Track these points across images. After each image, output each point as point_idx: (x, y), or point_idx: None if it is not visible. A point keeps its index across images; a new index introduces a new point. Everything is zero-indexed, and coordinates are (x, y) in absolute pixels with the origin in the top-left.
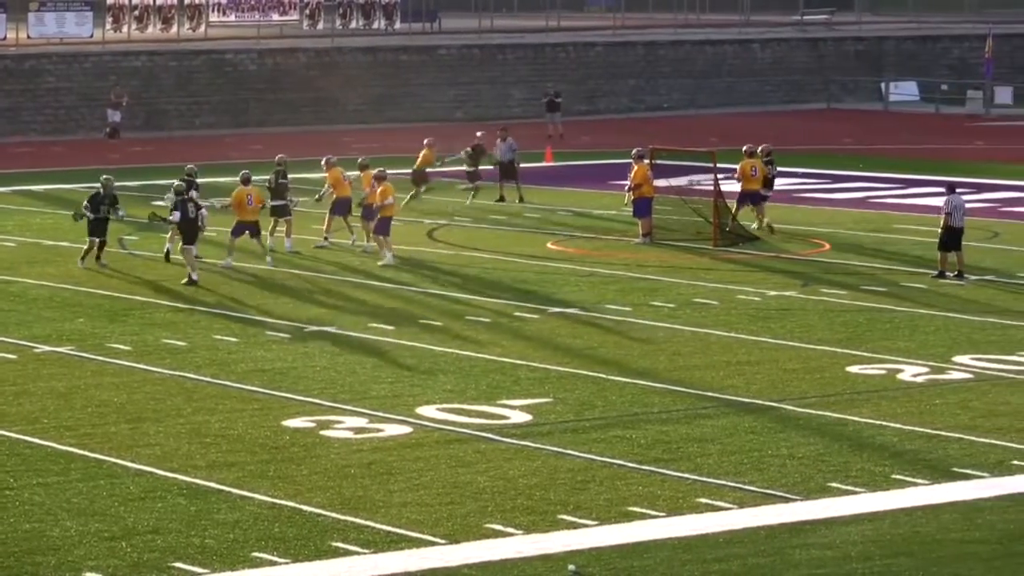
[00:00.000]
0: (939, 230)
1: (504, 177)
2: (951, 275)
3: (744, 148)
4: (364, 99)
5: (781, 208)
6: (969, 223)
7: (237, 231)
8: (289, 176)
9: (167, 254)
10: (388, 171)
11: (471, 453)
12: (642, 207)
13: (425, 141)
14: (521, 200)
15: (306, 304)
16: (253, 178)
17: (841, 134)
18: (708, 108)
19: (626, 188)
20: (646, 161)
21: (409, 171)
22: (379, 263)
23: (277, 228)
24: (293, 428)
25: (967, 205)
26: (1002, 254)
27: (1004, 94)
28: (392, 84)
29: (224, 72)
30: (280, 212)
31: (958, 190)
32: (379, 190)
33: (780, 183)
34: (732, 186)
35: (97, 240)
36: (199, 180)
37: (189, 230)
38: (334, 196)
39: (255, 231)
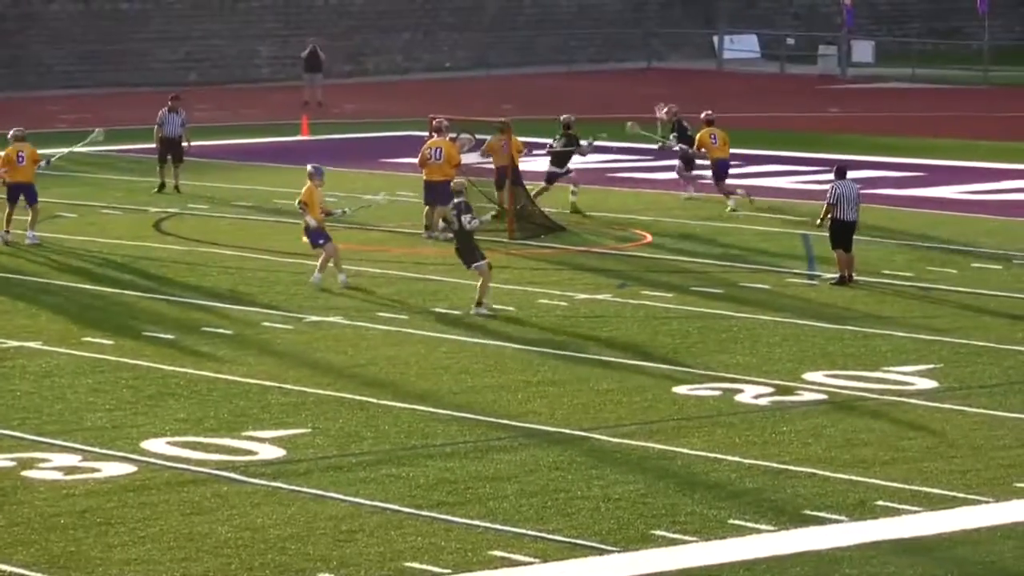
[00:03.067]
0: (817, 219)
1: (168, 157)
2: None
3: (703, 115)
4: (74, 58)
5: (592, 191)
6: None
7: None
8: None
9: None
10: (103, 148)
11: (210, 497)
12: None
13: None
14: (177, 189)
15: (1, 314)
16: None
17: (665, 99)
18: (500, 68)
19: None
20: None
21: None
22: None
23: None
24: None
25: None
26: (861, 246)
27: (863, 50)
28: (109, 40)
29: None
30: None
31: (849, 174)
32: None
33: (592, 160)
34: (530, 163)
35: None
36: None
37: None
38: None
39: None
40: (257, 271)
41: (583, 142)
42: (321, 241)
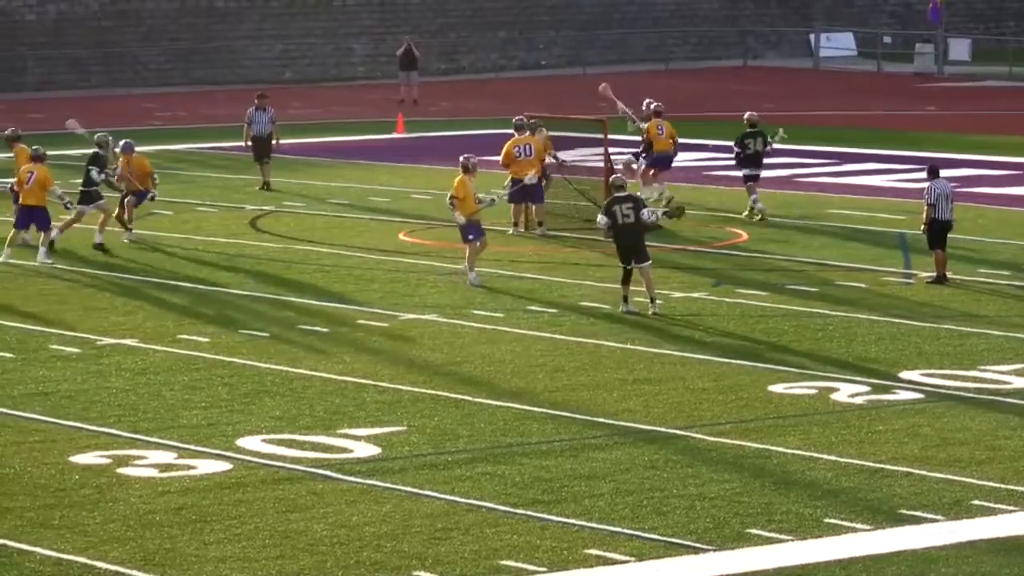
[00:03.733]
0: (922, 225)
1: (261, 155)
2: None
3: (652, 106)
4: (169, 56)
5: (688, 188)
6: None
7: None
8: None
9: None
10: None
11: (305, 495)
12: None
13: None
14: (268, 187)
15: (98, 311)
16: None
17: (761, 97)
18: (597, 66)
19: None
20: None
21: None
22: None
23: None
24: (83, 465)
25: (951, 189)
26: (960, 246)
27: (960, 48)
28: (203, 37)
29: None
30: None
31: (942, 174)
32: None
33: (686, 158)
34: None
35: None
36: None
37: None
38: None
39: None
40: (353, 268)
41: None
42: (471, 236)
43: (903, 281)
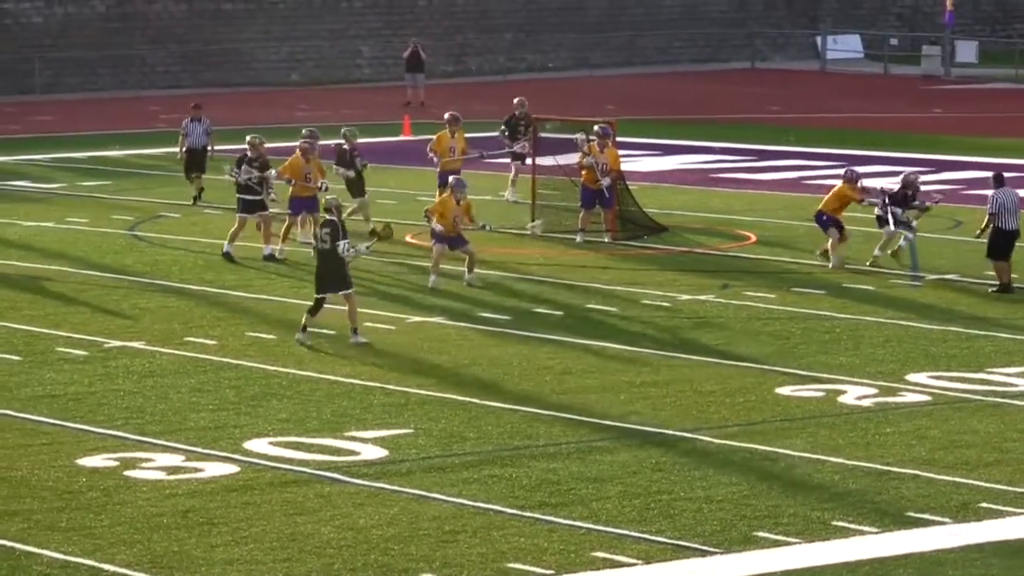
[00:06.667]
0: (978, 231)
1: (192, 168)
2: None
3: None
4: (176, 58)
5: (694, 192)
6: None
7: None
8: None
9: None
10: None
11: (312, 498)
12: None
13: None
14: (199, 198)
15: (105, 313)
16: None
17: (768, 99)
18: (603, 68)
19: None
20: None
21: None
22: None
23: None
24: (91, 468)
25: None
26: (965, 248)
27: (967, 50)
28: (211, 40)
29: (3, 26)
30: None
31: (1006, 181)
32: None
33: (692, 160)
34: (631, 164)
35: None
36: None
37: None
38: None
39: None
40: (358, 271)
41: None
42: (449, 246)
43: (910, 284)
